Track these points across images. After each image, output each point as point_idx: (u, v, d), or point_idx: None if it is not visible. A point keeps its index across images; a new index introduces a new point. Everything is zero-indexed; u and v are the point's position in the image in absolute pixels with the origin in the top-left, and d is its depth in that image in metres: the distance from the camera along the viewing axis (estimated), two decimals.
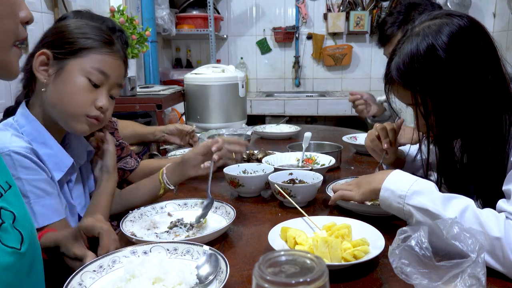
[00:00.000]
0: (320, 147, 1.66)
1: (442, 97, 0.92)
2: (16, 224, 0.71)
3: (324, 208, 1.15)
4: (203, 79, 2.21)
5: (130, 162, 1.38)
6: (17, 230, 0.71)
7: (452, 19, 0.92)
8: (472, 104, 0.91)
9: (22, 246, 0.71)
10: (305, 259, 0.41)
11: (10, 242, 0.69)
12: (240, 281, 0.77)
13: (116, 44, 1.06)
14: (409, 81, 0.94)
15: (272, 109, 3.44)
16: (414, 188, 0.87)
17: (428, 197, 0.85)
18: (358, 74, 3.96)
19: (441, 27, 0.91)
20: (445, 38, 0.90)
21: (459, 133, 0.98)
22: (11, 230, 0.70)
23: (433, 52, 0.90)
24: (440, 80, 0.91)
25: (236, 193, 1.25)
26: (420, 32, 0.93)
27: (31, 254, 0.74)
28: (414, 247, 0.66)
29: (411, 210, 0.87)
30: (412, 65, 0.93)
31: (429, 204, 0.84)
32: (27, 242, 0.72)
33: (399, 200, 0.88)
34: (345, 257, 0.80)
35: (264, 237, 0.88)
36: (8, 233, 0.69)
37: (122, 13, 2.26)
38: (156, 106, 2.12)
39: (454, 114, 0.93)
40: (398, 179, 0.91)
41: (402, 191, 0.88)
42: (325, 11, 3.82)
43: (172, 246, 0.84)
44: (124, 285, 0.71)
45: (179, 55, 3.99)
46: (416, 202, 0.86)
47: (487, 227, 0.77)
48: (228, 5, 3.91)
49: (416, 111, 0.98)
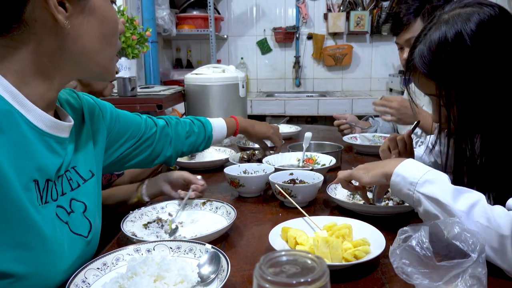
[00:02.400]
0: (321, 147, 1.66)
1: (467, 88, 0.88)
2: (87, 213, 0.81)
3: (325, 208, 1.15)
4: (204, 79, 2.21)
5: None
6: (87, 219, 0.81)
7: (483, 7, 0.89)
8: (497, 97, 0.88)
9: (89, 234, 0.80)
10: (306, 259, 0.41)
11: (78, 230, 0.78)
12: (241, 281, 0.77)
13: None
14: (434, 70, 0.91)
15: (273, 109, 3.44)
16: (426, 177, 0.86)
17: (440, 187, 0.84)
18: (358, 74, 3.96)
19: (470, 15, 0.88)
20: (473, 26, 0.86)
21: (481, 127, 0.93)
22: (81, 219, 0.79)
23: (460, 40, 0.87)
24: (466, 70, 0.88)
25: (237, 193, 1.25)
26: (450, 19, 0.90)
27: (95, 242, 0.85)
28: (415, 247, 0.66)
29: (421, 198, 0.85)
30: (438, 53, 0.89)
31: (439, 193, 0.82)
32: (93, 231, 0.82)
33: (410, 187, 0.87)
34: (345, 257, 0.80)
35: (265, 237, 0.88)
36: (77, 221, 0.78)
37: (123, 14, 2.26)
38: (156, 106, 2.12)
39: (477, 106, 0.89)
40: (412, 167, 0.90)
41: (414, 178, 0.87)
42: (326, 11, 3.82)
43: (175, 244, 0.84)
44: (126, 283, 0.71)
45: (180, 55, 3.99)
46: (426, 191, 0.85)
47: (495, 223, 0.76)
48: (228, 5, 3.91)
49: (438, 102, 0.94)
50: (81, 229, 0.79)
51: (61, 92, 0.84)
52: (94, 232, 0.82)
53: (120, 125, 1.00)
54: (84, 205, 0.80)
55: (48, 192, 0.71)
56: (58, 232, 0.72)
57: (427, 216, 0.85)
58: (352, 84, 3.97)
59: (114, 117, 0.99)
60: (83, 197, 0.80)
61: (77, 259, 0.77)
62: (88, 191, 0.82)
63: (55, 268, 0.71)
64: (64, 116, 0.79)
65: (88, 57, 0.73)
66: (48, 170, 0.71)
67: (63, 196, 0.76)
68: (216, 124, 1.31)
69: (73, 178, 0.79)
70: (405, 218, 1.03)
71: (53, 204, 0.73)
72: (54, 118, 0.73)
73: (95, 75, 0.79)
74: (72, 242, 0.76)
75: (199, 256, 0.81)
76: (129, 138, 1.03)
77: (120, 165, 1.05)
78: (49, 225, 0.69)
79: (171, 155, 1.17)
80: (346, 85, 3.98)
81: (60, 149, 0.75)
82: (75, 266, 0.76)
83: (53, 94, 0.74)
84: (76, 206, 0.79)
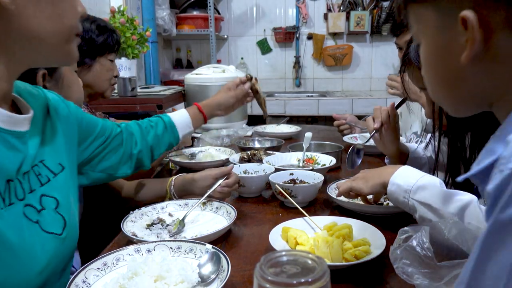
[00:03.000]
0: (321, 147, 1.66)
1: None
2: (59, 209, 0.76)
3: (325, 208, 1.15)
4: (204, 80, 2.21)
5: None
6: (60, 215, 0.76)
7: None
8: None
9: (64, 230, 0.76)
10: (307, 259, 0.41)
11: (50, 228, 0.73)
12: (241, 281, 0.77)
13: None
14: None
15: (273, 109, 3.44)
16: (419, 183, 0.88)
17: (431, 192, 0.86)
18: (358, 74, 3.95)
19: None
20: None
21: (472, 124, 0.95)
22: (53, 215, 0.75)
23: None
24: None
25: (237, 193, 1.25)
26: None
27: (72, 238, 0.80)
28: (415, 247, 0.66)
29: (415, 205, 0.88)
30: None
31: (430, 199, 0.85)
32: (68, 227, 0.77)
33: (405, 195, 0.90)
34: (346, 257, 0.80)
35: (265, 237, 0.88)
36: (49, 219, 0.73)
37: (123, 14, 2.26)
38: (156, 106, 2.11)
39: None
40: (406, 175, 0.92)
41: (408, 185, 0.90)
42: (326, 11, 3.81)
43: (176, 244, 0.84)
44: (127, 283, 0.71)
45: (180, 56, 3.99)
46: (419, 197, 0.87)
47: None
48: (228, 5, 3.91)
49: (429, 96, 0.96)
50: (53, 227, 0.74)
51: (21, 83, 0.79)
52: (70, 228, 0.77)
53: (87, 122, 0.95)
54: (56, 201, 0.76)
55: (11, 192, 0.67)
56: (27, 234, 0.68)
57: (423, 221, 0.87)
58: (352, 84, 3.97)
59: (80, 114, 0.94)
60: (54, 192, 0.76)
61: (52, 259, 0.73)
62: (60, 185, 0.78)
63: (27, 273, 0.67)
64: (25, 108, 0.74)
65: (39, 40, 0.66)
66: (6, 170, 0.66)
67: (31, 193, 0.71)
68: (174, 113, 1.28)
69: (42, 173, 0.75)
70: (405, 218, 1.03)
71: (20, 204, 0.69)
72: (9, 112, 0.68)
73: (53, 61, 0.75)
74: (44, 242, 0.71)
75: (200, 256, 0.81)
76: (98, 135, 0.98)
77: (94, 164, 0.99)
78: (14, 229, 0.66)
79: (141, 152, 1.11)
80: (346, 85, 3.98)
81: (20, 144, 0.70)
82: (52, 266, 0.73)
83: (5, 85, 0.68)
84: (48, 202, 0.74)
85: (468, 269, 0.43)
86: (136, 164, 1.11)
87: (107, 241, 0.98)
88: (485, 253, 0.41)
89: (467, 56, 0.49)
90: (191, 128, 1.29)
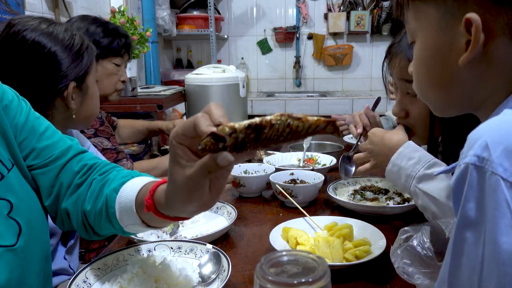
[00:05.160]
0: (321, 147, 1.66)
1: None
2: (13, 214, 0.64)
3: (326, 208, 1.15)
4: (204, 80, 2.21)
5: (126, 164, 1.42)
6: (13, 221, 0.64)
7: None
8: None
9: (18, 239, 0.64)
10: (307, 259, 0.41)
11: (1, 240, 0.62)
12: (242, 281, 0.77)
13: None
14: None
15: (273, 109, 3.44)
16: (425, 170, 0.85)
17: (438, 185, 0.83)
18: (359, 74, 3.95)
19: None
20: None
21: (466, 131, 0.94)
22: (5, 222, 0.63)
23: None
24: None
25: (237, 193, 1.25)
26: None
27: (38, 244, 0.68)
28: (416, 247, 0.66)
29: (418, 193, 0.86)
30: None
31: (436, 191, 0.83)
32: (26, 233, 0.65)
33: (407, 179, 0.87)
34: (346, 257, 0.80)
35: (266, 237, 0.88)
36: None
37: (123, 14, 2.26)
38: (157, 106, 2.12)
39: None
40: (410, 157, 0.87)
41: (412, 170, 0.86)
42: (326, 11, 3.81)
43: (176, 244, 0.84)
44: (127, 283, 0.71)
45: (180, 56, 3.99)
46: (424, 187, 0.85)
47: None
48: (228, 5, 3.90)
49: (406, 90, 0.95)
50: (3, 238, 0.62)
51: None
52: (29, 234, 0.66)
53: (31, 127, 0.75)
54: (8, 204, 0.64)
55: None
56: None
57: (424, 210, 0.87)
58: (353, 84, 3.96)
59: (25, 114, 0.75)
60: (6, 193, 0.64)
61: (11, 274, 0.61)
62: (13, 184, 0.66)
63: None
64: None
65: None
66: None
67: None
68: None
69: None
70: (406, 218, 1.03)
71: None
72: None
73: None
74: None
75: (200, 256, 0.81)
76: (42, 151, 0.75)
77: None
78: None
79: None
80: (346, 85, 3.98)
81: None
82: (14, 282, 0.62)
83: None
84: None
85: (446, 267, 0.44)
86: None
87: (107, 241, 0.98)
88: (457, 248, 0.43)
89: (466, 58, 0.49)
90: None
